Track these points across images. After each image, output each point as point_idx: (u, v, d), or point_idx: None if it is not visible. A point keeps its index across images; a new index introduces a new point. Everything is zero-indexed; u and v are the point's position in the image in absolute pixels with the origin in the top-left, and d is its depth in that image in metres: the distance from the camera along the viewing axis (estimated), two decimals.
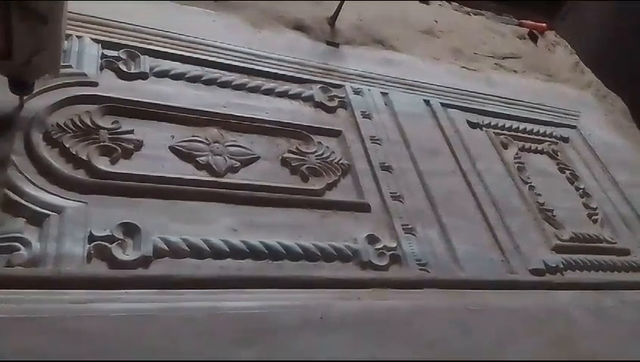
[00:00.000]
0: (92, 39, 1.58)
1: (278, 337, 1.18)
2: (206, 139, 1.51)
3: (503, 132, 2.10)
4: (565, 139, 2.25)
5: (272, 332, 1.18)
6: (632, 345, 1.55)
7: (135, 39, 1.66)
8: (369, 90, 1.96)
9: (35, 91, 1.33)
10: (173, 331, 1.10)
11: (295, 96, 1.80)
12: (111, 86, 1.51)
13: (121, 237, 1.20)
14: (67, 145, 1.32)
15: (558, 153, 2.16)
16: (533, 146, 2.12)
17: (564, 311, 1.55)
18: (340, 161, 1.65)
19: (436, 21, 2.62)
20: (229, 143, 1.53)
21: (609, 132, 2.47)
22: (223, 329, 1.14)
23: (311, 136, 1.68)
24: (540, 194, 1.90)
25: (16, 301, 1.03)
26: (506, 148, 2.04)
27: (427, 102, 2.05)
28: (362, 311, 1.30)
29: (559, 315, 1.53)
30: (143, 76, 1.58)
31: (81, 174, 1.29)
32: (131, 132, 1.42)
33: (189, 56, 1.70)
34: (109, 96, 1.47)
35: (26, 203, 1.18)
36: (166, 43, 1.70)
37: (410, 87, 2.07)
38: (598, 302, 1.63)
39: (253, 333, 1.16)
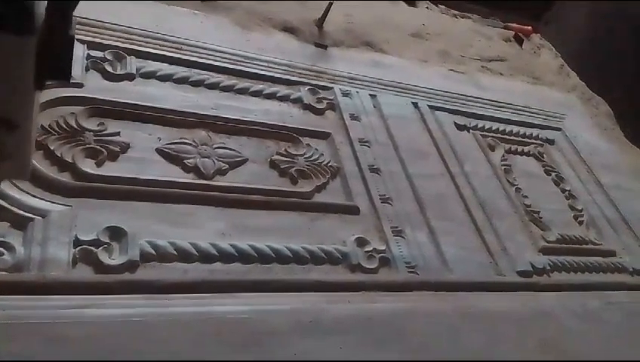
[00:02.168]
0: (77, 40, 1.55)
1: (267, 341, 1.16)
2: (194, 141, 1.49)
3: (490, 134, 2.12)
4: (551, 142, 2.28)
5: (261, 337, 1.17)
6: (618, 345, 1.57)
7: (121, 40, 1.64)
8: (357, 92, 1.96)
9: None
10: (161, 337, 1.08)
11: (283, 98, 1.79)
12: (97, 87, 1.49)
13: (107, 241, 1.19)
14: (52, 148, 1.30)
15: (544, 155, 2.18)
16: (520, 148, 2.14)
17: (551, 313, 1.56)
18: (329, 164, 1.65)
19: (424, 24, 2.63)
20: (217, 145, 1.52)
21: (594, 134, 2.50)
22: (212, 334, 1.13)
23: (300, 138, 1.68)
24: (526, 196, 1.92)
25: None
26: (493, 151, 2.06)
27: (415, 104, 2.05)
28: (352, 314, 1.30)
29: (546, 317, 1.54)
30: (129, 77, 1.57)
31: (66, 177, 1.27)
32: (117, 134, 1.40)
33: (177, 57, 1.69)
34: (94, 98, 1.45)
35: (9, 206, 1.15)
36: (153, 44, 1.68)
37: (399, 90, 2.07)
38: (584, 303, 1.65)
39: (242, 338, 1.15)
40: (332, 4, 2.13)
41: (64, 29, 0.81)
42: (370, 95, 1.98)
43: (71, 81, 1.44)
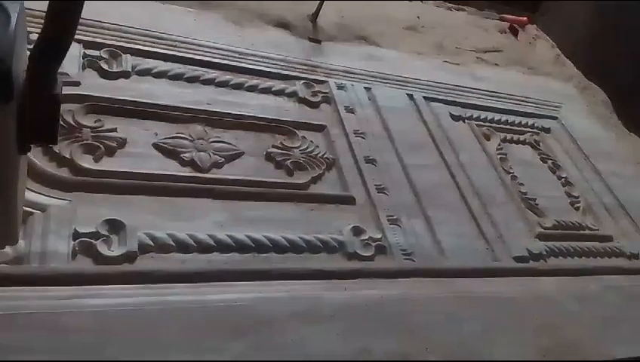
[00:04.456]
0: (74, 39, 1.58)
1: (266, 329, 1.18)
2: (190, 135, 1.51)
3: (486, 124, 2.13)
4: (547, 130, 2.28)
5: (259, 325, 1.18)
6: (615, 329, 1.57)
7: (117, 38, 1.66)
8: (352, 85, 1.98)
9: None
10: (160, 325, 1.10)
11: (279, 92, 1.81)
12: (93, 85, 1.51)
13: (106, 234, 1.21)
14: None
15: (540, 143, 2.19)
16: (515, 137, 2.15)
17: (549, 297, 1.57)
18: (325, 155, 1.67)
19: (418, 17, 2.65)
20: (213, 139, 1.54)
21: (590, 122, 2.51)
22: (211, 322, 1.14)
23: (295, 131, 1.70)
24: (522, 184, 1.93)
25: (1, 298, 1.02)
26: (489, 140, 2.07)
27: (410, 96, 2.06)
28: (349, 301, 1.31)
29: (543, 301, 1.55)
30: (125, 75, 1.59)
31: (64, 172, 1.29)
32: (114, 130, 1.42)
33: (171, 55, 1.71)
34: (91, 95, 1.47)
35: None
36: (148, 41, 1.70)
37: (394, 82, 2.09)
38: (581, 288, 1.65)
39: (240, 326, 1.16)
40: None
41: (48, 89, 0.76)
42: (365, 88, 1.99)
43: (68, 80, 1.48)
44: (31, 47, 0.74)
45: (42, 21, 0.74)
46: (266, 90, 1.79)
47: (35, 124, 0.77)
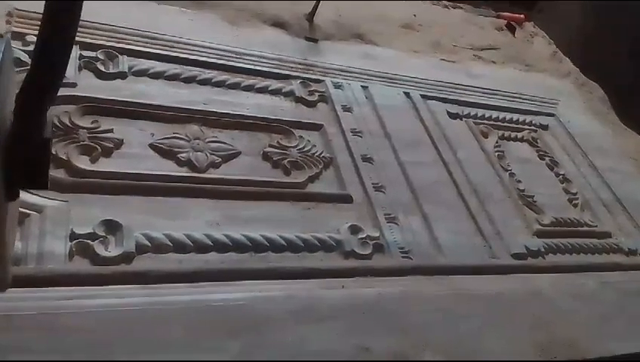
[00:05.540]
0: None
1: (263, 328, 1.18)
2: (186, 136, 1.52)
3: (483, 121, 2.13)
4: (544, 127, 2.29)
5: (257, 324, 1.18)
6: (612, 325, 1.58)
7: (113, 39, 1.66)
8: (349, 84, 1.98)
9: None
10: (158, 325, 1.10)
11: (275, 92, 1.81)
12: (89, 86, 1.52)
13: (103, 235, 1.21)
14: None
15: (538, 140, 2.20)
16: (513, 135, 2.15)
17: (546, 294, 1.57)
18: (322, 154, 1.67)
19: (415, 15, 2.65)
20: (209, 139, 1.54)
21: (588, 119, 2.51)
22: (209, 322, 1.15)
23: (292, 130, 1.70)
24: (520, 181, 1.93)
25: None
26: (486, 138, 2.07)
27: (407, 94, 2.07)
28: (347, 300, 1.31)
29: (541, 298, 1.55)
30: (121, 76, 1.59)
31: (61, 173, 1.29)
32: (111, 131, 1.43)
33: (168, 55, 1.71)
34: (87, 96, 1.47)
35: None
36: (144, 42, 1.70)
37: (390, 80, 2.09)
38: (579, 285, 1.66)
39: (238, 325, 1.17)
40: None
41: (38, 133, 0.70)
42: (361, 86, 1.99)
43: (65, 81, 1.48)
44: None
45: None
46: (263, 90, 1.79)
47: (24, 169, 0.73)
